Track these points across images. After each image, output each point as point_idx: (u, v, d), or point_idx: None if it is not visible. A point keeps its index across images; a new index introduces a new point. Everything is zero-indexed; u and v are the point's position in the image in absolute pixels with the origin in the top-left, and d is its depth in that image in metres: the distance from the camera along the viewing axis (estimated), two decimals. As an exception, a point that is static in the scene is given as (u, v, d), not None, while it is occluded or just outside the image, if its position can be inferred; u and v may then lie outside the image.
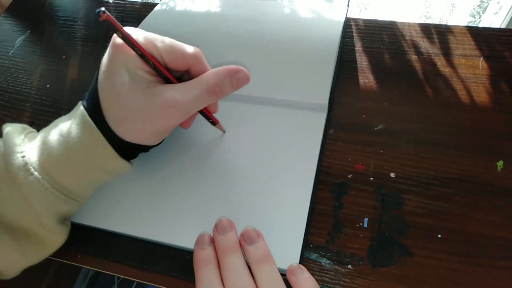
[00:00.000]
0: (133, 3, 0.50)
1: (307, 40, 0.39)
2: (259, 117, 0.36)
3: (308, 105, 0.35)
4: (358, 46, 0.41)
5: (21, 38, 0.50)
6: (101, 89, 0.26)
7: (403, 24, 0.42)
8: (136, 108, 0.26)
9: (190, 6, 0.45)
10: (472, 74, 0.38)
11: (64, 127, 0.27)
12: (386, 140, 0.35)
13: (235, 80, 0.27)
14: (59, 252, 0.30)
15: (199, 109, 0.28)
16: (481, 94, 0.36)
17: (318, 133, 0.34)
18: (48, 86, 0.44)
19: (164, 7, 0.46)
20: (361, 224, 0.31)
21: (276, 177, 0.32)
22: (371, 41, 0.42)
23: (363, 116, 0.36)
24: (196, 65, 0.28)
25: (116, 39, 0.26)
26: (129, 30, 0.25)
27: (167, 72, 0.27)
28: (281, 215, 0.30)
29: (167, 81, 0.27)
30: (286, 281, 0.25)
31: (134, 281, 0.30)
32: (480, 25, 0.82)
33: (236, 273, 0.24)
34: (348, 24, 0.44)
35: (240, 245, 0.26)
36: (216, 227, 0.27)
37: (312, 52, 0.38)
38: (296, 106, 0.35)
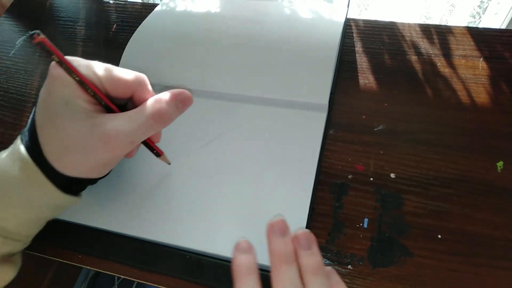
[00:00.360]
0: (133, 3, 0.50)
1: (307, 41, 0.39)
2: (259, 117, 0.36)
3: (308, 105, 0.35)
4: (358, 47, 0.42)
5: (21, 38, 0.50)
6: (38, 121, 0.25)
7: (403, 24, 0.42)
8: (75, 141, 0.24)
9: (190, 6, 0.45)
10: (472, 74, 0.38)
11: (0, 165, 0.26)
12: (386, 140, 0.35)
13: (180, 102, 0.26)
14: (59, 252, 0.30)
15: (144, 139, 0.27)
16: (481, 95, 0.36)
17: (318, 133, 0.34)
18: (48, 86, 0.44)
19: (164, 7, 0.46)
20: (361, 224, 0.31)
21: (276, 177, 0.32)
22: (371, 42, 0.42)
23: (363, 116, 0.36)
24: (140, 92, 0.26)
25: (53, 69, 0.24)
26: (67, 58, 0.24)
27: (108, 100, 0.26)
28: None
29: (109, 110, 0.26)
30: None
31: (134, 281, 0.30)
32: (480, 25, 0.82)
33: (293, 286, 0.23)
34: (348, 24, 0.44)
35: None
36: (272, 227, 0.25)
37: (312, 52, 0.38)
38: (296, 106, 0.36)
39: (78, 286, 0.82)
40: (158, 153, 0.31)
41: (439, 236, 0.30)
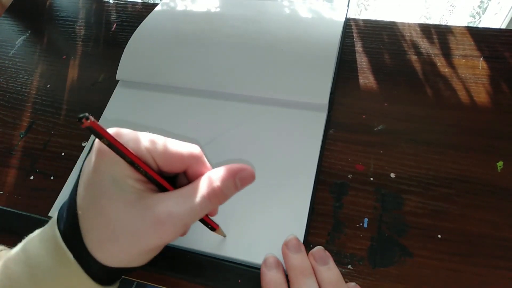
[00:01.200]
0: (133, 3, 0.50)
1: (307, 40, 0.39)
2: (259, 117, 0.36)
3: (308, 105, 0.35)
4: (358, 46, 0.42)
5: (21, 38, 0.50)
6: (82, 204, 0.22)
7: (403, 24, 0.42)
8: (124, 226, 0.21)
9: (190, 6, 0.45)
10: (472, 74, 0.38)
11: (33, 254, 0.23)
12: (386, 140, 0.35)
13: (239, 180, 0.23)
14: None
15: (198, 219, 0.24)
16: (481, 94, 0.36)
17: (318, 133, 0.34)
18: (48, 86, 0.44)
19: (164, 7, 0.46)
20: (361, 224, 0.31)
21: (276, 177, 0.32)
22: (371, 41, 0.42)
23: (363, 116, 0.36)
24: (195, 167, 0.24)
25: (100, 144, 0.22)
26: (115, 131, 0.22)
27: (161, 178, 0.23)
28: (281, 215, 0.30)
29: (161, 188, 0.23)
30: None
31: (134, 281, 0.30)
32: (480, 25, 0.82)
33: None
34: (348, 24, 0.44)
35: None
36: (287, 245, 0.25)
37: (312, 52, 0.38)
38: (296, 106, 0.35)
39: (78, 286, 0.82)
40: (213, 228, 0.28)
41: (439, 236, 0.30)
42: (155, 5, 0.47)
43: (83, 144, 0.20)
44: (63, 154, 0.38)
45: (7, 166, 0.38)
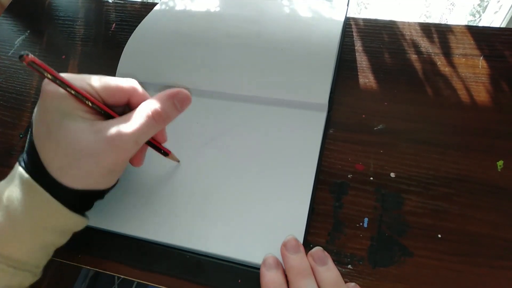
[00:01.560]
0: (133, 3, 0.50)
1: (307, 40, 0.39)
2: (259, 117, 0.36)
3: (308, 105, 0.35)
4: (358, 46, 0.41)
5: (20, 38, 0.50)
6: (38, 141, 0.25)
7: (403, 23, 0.42)
8: (81, 150, 0.24)
9: (189, 6, 0.45)
10: (472, 73, 0.38)
11: (2, 192, 0.25)
12: (386, 140, 0.35)
13: (178, 101, 0.26)
14: (59, 252, 0.30)
15: (148, 139, 0.27)
16: (481, 94, 0.36)
17: (318, 133, 0.34)
18: (47, 86, 0.44)
19: (163, 7, 0.45)
20: (361, 224, 0.31)
21: (276, 177, 0.32)
22: (371, 41, 0.42)
23: (363, 116, 0.36)
24: (135, 96, 0.27)
25: (46, 85, 0.24)
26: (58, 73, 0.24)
27: (106, 107, 0.26)
28: (281, 215, 0.30)
29: (108, 117, 0.26)
30: None
31: (134, 281, 0.30)
32: (480, 24, 0.82)
33: None
34: (348, 23, 0.43)
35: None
36: (285, 246, 0.26)
37: (312, 51, 0.38)
38: (296, 106, 0.35)
39: (78, 286, 0.82)
40: (165, 153, 0.31)
41: (439, 236, 0.30)
42: (154, 4, 0.47)
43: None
44: (62, 154, 0.38)
45: (7, 166, 0.38)
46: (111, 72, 0.41)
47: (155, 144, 0.30)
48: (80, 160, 0.24)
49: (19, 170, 0.25)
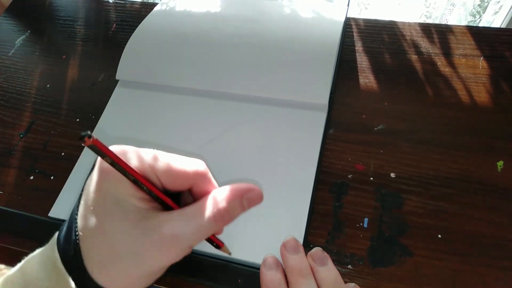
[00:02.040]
0: (133, 3, 0.50)
1: (307, 40, 0.39)
2: (259, 117, 0.36)
3: (308, 105, 0.35)
4: (358, 46, 0.41)
5: (21, 38, 0.50)
6: (83, 224, 0.22)
7: (403, 23, 0.42)
8: (126, 248, 0.21)
9: (190, 6, 0.45)
10: (472, 73, 0.38)
11: (31, 277, 0.22)
12: (386, 140, 0.35)
13: (247, 201, 0.22)
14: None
15: (203, 239, 0.23)
16: (481, 94, 0.36)
17: (318, 133, 0.34)
18: (48, 86, 0.44)
19: (164, 7, 0.46)
20: (361, 224, 0.31)
21: (276, 177, 0.32)
22: (371, 41, 0.42)
23: (363, 116, 0.36)
24: (200, 185, 0.23)
25: (103, 162, 0.21)
26: (118, 149, 0.22)
27: (165, 196, 0.22)
28: (281, 215, 0.30)
29: (165, 206, 0.23)
30: None
31: (134, 281, 0.30)
32: (481, 24, 0.82)
33: None
34: (348, 23, 0.43)
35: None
36: (285, 246, 0.25)
37: (312, 51, 0.38)
38: (296, 106, 0.35)
39: (78, 285, 0.82)
40: (218, 246, 0.27)
41: (439, 236, 0.30)
42: (154, 4, 0.47)
43: (83, 145, 0.20)
44: (63, 154, 0.38)
45: (7, 166, 0.38)
46: (112, 72, 0.41)
47: (210, 237, 0.26)
48: (122, 260, 0.21)
49: (56, 256, 0.22)
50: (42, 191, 0.36)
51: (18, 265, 0.24)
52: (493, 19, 0.75)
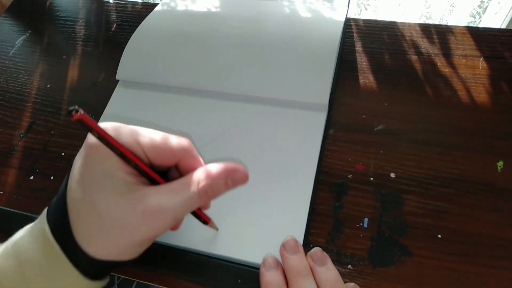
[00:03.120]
0: (133, 3, 0.50)
1: (307, 40, 0.39)
2: (259, 117, 0.36)
3: (308, 105, 0.35)
4: (358, 46, 0.42)
5: (21, 38, 0.50)
6: (71, 198, 0.23)
7: (403, 24, 0.42)
8: (114, 219, 0.22)
9: (190, 6, 0.45)
10: (472, 74, 0.38)
11: (22, 248, 0.23)
12: (386, 140, 0.35)
13: (231, 181, 0.23)
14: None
15: (188, 212, 0.24)
16: (481, 94, 0.36)
17: (318, 133, 0.34)
18: (48, 86, 0.44)
19: (164, 7, 0.46)
20: (361, 224, 0.31)
21: (276, 177, 0.32)
22: (371, 41, 0.42)
23: (363, 116, 0.36)
24: (186, 160, 0.24)
25: (90, 138, 0.22)
26: (106, 125, 0.22)
27: (152, 171, 0.23)
28: (281, 215, 0.30)
29: (152, 181, 0.24)
30: None
31: (134, 281, 0.30)
32: (480, 25, 0.82)
33: None
34: (348, 24, 0.44)
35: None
36: (284, 247, 0.26)
37: (312, 52, 0.38)
38: (296, 106, 0.35)
39: (78, 285, 0.82)
40: (205, 221, 0.28)
41: (439, 236, 0.30)
42: (155, 5, 0.47)
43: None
44: (63, 154, 0.38)
45: (7, 166, 0.38)
46: (112, 72, 0.41)
47: (197, 212, 0.27)
48: (110, 231, 0.22)
49: (45, 227, 0.23)
50: (42, 191, 0.36)
51: (9, 239, 0.24)
52: (493, 20, 0.75)
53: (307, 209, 0.30)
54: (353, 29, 0.43)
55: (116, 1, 0.51)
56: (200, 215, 0.27)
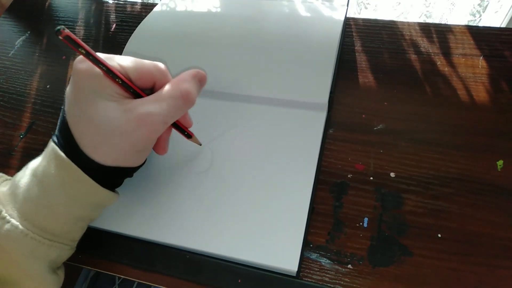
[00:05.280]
0: (133, 3, 0.50)
1: (306, 40, 0.39)
2: (259, 117, 0.36)
3: (308, 105, 0.35)
4: (358, 46, 0.41)
5: (21, 38, 0.50)
6: (71, 118, 0.26)
7: (403, 23, 0.42)
8: (112, 129, 0.25)
9: (190, 6, 0.45)
10: (472, 73, 0.38)
11: (38, 168, 0.26)
12: (386, 140, 0.35)
13: (198, 81, 0.28)
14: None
15: (176, 119, 0.28)
16: (481, 94, 0.36)
17: (318, 133, 0.34)
18: (48, 86, 0.44)
19: (164, 7, 0.46)
20: (361, 224, 0.31)
21: (276, 177, 0.32)
22: (371, 41, 0.42)
23: (363, 116, 0.36)
24: (162, 81, 0.28)
25: (78, 64, 0.25)
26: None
27: (136, 86, 0.27)
28: (281, 215, 0.30)
29: (137, 96, 0.27)
30: None
31: (135, 281, 0.30)
32: (480, 24, 0.82)
33: None
34: (348, 23, 0.44)
35: None
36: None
37: (311, 51, 0.38)
38: (296, 106, 0.35)
39: (79, 286, 0.82)
40: (189, 135, 0.32)
41: (439, 236, 0.30)
42: (154, 5, 0.47)
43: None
44: (63, 154, 0.38)
45: (7, 166, 0.38)
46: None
47: (180, 126, 0.31)
48: (111, 138, 0.25)
49: (53, 147, 0.26)
50: (42, 192, 0.36)
51: (24, 168, 0.27)
52: (493, 19, 0.75)
53: (307, 209, 0.30)
54: (352, 29, 0.43)
55: (116, 2, 0.51)
56: (184, 129, 0.31)
